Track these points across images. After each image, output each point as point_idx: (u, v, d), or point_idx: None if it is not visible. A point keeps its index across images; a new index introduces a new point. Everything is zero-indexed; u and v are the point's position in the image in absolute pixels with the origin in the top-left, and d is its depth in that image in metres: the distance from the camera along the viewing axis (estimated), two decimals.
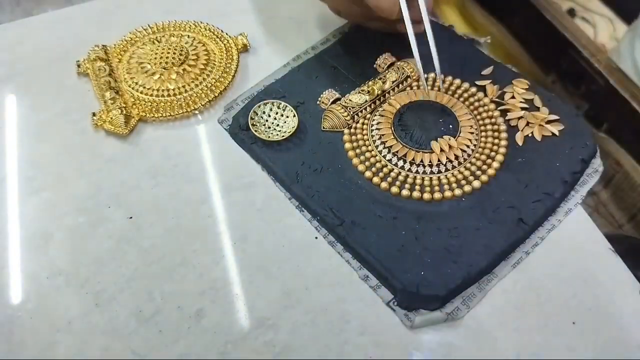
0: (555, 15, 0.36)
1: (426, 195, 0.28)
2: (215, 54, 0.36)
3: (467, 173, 0.29)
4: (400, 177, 0.29)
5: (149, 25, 0.37)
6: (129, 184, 0.30)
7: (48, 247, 0.28)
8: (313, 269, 0.27)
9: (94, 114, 0.32)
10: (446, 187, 0.28)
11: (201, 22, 0.37)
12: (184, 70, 0.34)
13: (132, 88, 0.34)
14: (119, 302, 0.26)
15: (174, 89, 0.33)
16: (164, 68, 0.34)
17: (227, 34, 0.37)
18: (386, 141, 0.30)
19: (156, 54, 0.35)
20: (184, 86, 0.34)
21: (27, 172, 0.31)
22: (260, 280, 0.26)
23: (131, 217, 0.29)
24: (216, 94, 0.34)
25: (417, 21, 0.30)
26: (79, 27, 0.39)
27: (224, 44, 0.36)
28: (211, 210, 0.29)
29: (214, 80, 0.34)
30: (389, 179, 0.29)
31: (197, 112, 0.33)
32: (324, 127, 0.31)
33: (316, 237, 0.28)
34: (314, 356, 0.24)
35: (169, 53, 0.35)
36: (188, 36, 0.36)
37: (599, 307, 0.26)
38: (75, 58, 0.36)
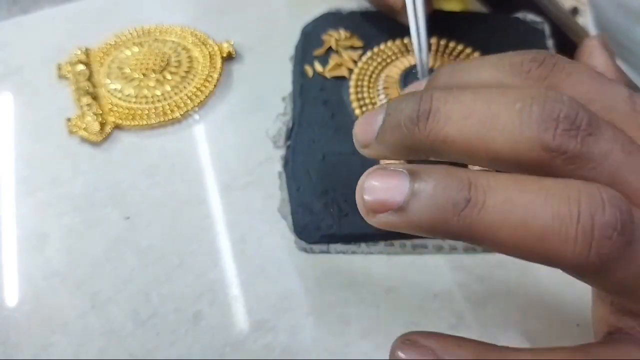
0: (558, 14, 0.36)
1: None
2: (198, 61, 0.35)
3: None
4: None
5: (134, 29, 0.37)
6: (126, 184, 0.30)
7: (44, 248, 0.27)
8: (313, 270, 0.26)
9: (68, 120, 0.32)
10: None
11: (187, 27, 0.37)
12: (163, 77, 0.34)
13: (110, 93, 0.33)
14: (115, 303, 0.25)
15: (152, 96, 0.33)
16: (143, 74, 0.34)
17: (212, 40, 0.36)
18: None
19: (137, 59, 0.34)
20: (162, 94, 0.33)
21: (22, 172, 0.31)
22: (260, 281, 0.26)
23: (128, 218, 0.28)
24: (196, 104, 0.33)
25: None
26: (76, 26, 0.38)
27: (209, 51, 0.35)
28: (209, 210, 0.29)
29: (194, 89, 0.33)
30: None
31: (174, 121, 0.32)
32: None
33: None
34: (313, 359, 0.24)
35: (149, 59, 0.34)
36: (172, 41, 0.36)
37: None
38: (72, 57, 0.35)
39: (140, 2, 0.40)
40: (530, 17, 0.35)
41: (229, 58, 0.36)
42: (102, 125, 0.32)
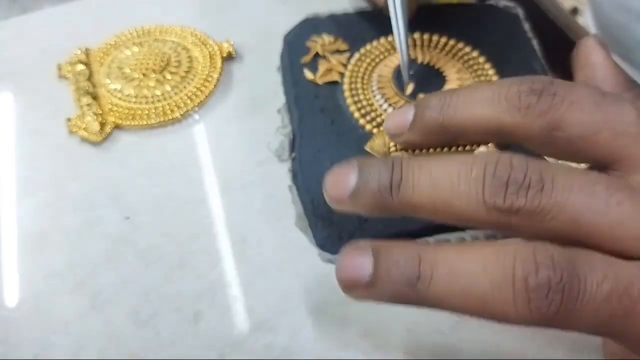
0: (557, 14, 0.36)
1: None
2: (198, 61, 0.35)
3: None
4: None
5: (134, 29, 0.37)
6: (126, 184, 0.30)
7: (44, 248, 0.27)
8: (313, 270, 0.26)
9: (68, 120, 0.32)
10: None
11: (187, 27, 0.37)
12: (163, 77, 0.34)
13: (110, 93, 0.33)
14: (115, 304, 0.25)
15: (152, 96, 0.33)
16: (143, 74, 0.34)
17: (212, 40, 0.36)
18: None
19: (137, 59, 0.34)
20: (162, 94, 0.33)
21: (22, 172, 0.31)
22: (260, 282, 0.26)
23: (128, 218, 0.28)
24: (196, 104, 0.33)
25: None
26: (76, 25, 0.38)
27: (209, 51, 0.35)
28: (209, 210, 0.29)
29: (194, 89, 0.33)
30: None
31: (174, 121, 0.32)
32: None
33: None
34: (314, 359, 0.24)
35: (149, 59, 0.34)
36: (172, 41, 0.36)
37: None
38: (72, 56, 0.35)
39: (140, 2, 0.40)
40: (504, 2, 0.36)
41: (229, 58, 0.36)
42: (102, 125, 0.32)
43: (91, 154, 0.31)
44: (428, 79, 0.32)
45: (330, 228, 0.26)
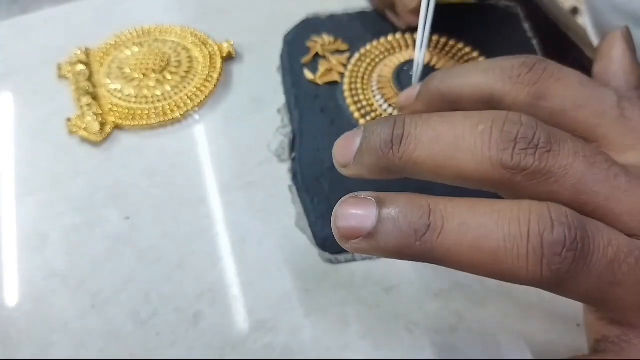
0: (558, 14, 0.36)
1: None
2: (198, 61, 0.35)
3: None
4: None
5: (134, 29, 0.37)
6: (126, 184, 0.30)
7: (44, 248, 0.27)
8: (313, 270, 0.26)
9: (68, 120, 0.32)
10: None
11: (187, 27, 0.37)
12: (163, 77, 0.34)
13: (110, 93, 0.33)
14: (115, 303, 0.25)
15: (152, 96, 0.33)
16: (143, 74, 0.34)
17: (212, 40, 0.36)
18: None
19: (137, 59, 0.34)
20: (162, 94, 0.33)
21: (22, 172, 0.31)
22: (259, 281, 0.26)
23: (128, 218, 0.28)
24: (196, 104, 0.33)
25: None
26: (76, 25, 0.38)
27: (209, 51, 0.35)
28: (209, 210, 0.29)
29: (194, 89, 0.33)
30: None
31: (174, 121, 0.32)
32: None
33: None
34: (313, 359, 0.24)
35: (149, 59, 0.34)
36: (172, 41, 0.36)
37: None
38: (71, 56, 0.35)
39: (140, 2, 0.40)
40: (504, 2, 0.36)
41: (228, 58, 0.36)
42: (102, 125, 0.32)
43: (91, 154, 0.31)
44: None
45: (330, 228, 0.26)
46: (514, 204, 0.16)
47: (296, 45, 0.35)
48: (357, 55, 0.33)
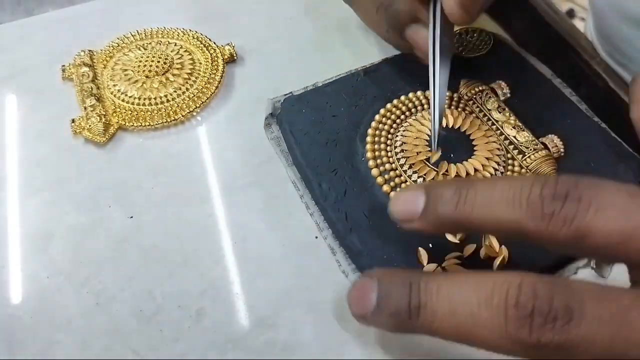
0: (554, 16, 0.36)
1: None
2: (200, 63, 0.35)
3: None
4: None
5: (137, 31, 0.37)
6: (130, 184, 0.30)
7: (48, 247, 0.28)
8: (314, 268, 0.27)
9: (73, 120, 0.32)
10: None
11: (190, 30, 0.37)
12: (166, 79, 0.34)
13: (114, 95, 0.34)
14: (119, 301, 0.26)
15: (155, 98, 0.33)
16: (147, 76, 0.34)
17: (214, 42, 0.37)
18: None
19: (140, 61, 0.35)
20: (165, 95, 0.33)
21: (27, 172, 0.31)
22: (261, 279, 0.26)
23: (132, 217, 0.29)
24: (198, 105, 0.33)
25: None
26: (80, 28, 0.39)
27: (210, 53, 0.36)
28: (212, 210, 0.29)
29: (196, 91, 0.34)
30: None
31: (177, 122, 0.33)
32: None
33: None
34: (314, 356, 0.24)
35: (152, 61, 0.35)
36: (175, 44, 0.36)
37: None
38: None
39: (144, 5, 0.40)
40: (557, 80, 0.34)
41: (230, 60, 0.36)
42: (106, 126, 0.32)
43: (95, 155, 0.32)
44: (455, 144, 0.29)
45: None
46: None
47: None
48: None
